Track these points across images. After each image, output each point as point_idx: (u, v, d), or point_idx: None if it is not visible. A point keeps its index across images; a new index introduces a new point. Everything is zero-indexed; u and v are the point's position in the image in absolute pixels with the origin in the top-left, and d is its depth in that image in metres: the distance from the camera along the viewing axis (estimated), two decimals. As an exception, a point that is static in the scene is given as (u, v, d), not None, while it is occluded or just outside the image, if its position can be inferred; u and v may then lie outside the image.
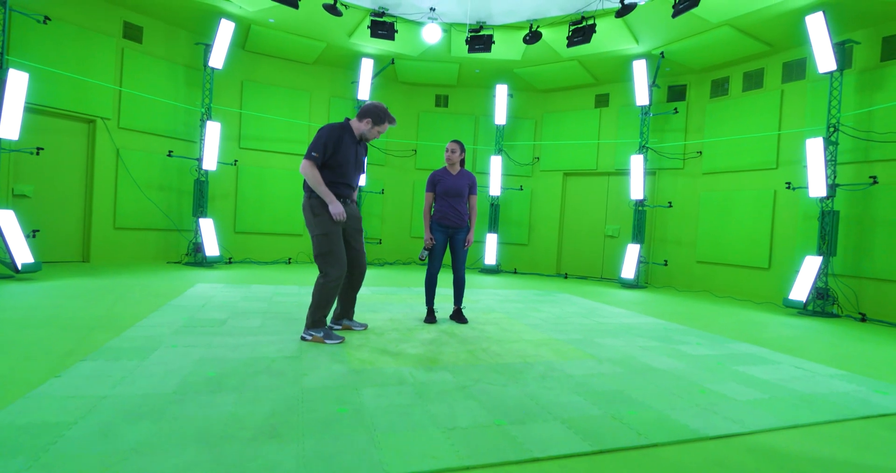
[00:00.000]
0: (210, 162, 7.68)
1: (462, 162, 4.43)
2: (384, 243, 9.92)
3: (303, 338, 3.42)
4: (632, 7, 6.21)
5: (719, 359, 3.54)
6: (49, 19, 5.94)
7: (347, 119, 3.61)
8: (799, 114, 7.21)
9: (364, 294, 5.78)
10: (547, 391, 2.63)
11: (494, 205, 9.55)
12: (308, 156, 3.31)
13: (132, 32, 7.47)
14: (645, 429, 2.19)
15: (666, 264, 8.40)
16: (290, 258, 9.02)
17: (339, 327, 3.84)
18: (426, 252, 4.23)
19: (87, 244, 7.23)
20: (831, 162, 6.29)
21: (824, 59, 6.19)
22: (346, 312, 3.87)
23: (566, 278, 9.22)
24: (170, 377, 2.50)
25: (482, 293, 6.30)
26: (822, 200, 6.29)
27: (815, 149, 6.24)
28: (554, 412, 2.32)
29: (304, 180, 3.39)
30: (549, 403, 2.44)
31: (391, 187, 10.04)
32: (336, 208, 3.31)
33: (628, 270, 8.14)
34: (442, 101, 10.32)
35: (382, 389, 2.51)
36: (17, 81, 5.27)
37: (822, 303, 6.23)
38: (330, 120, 9.55)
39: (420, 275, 8.15)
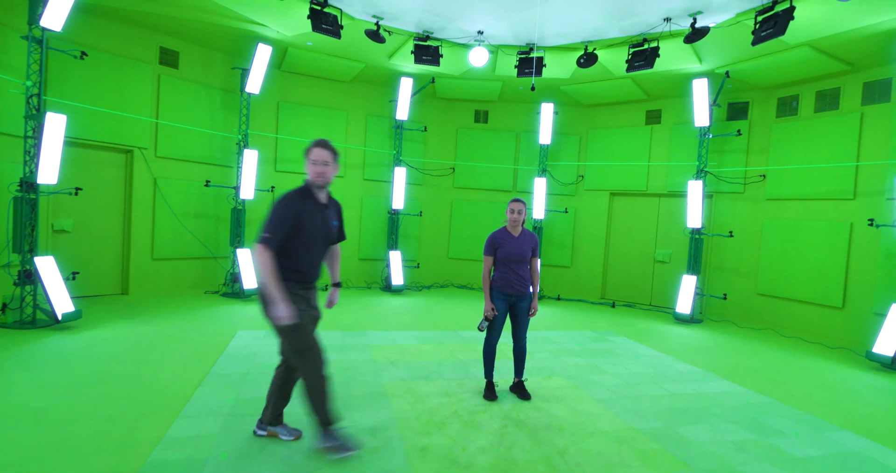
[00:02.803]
0: (247, 191, 7.46)
1: (523, 221, 4.05)
2: (422, 266, 9.60)
3: (322, 447, 2.76)
4: (704, 32, 5.65)
5: (830, 465, 3.10)
6: (86, 55, 5.74)
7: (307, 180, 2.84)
8: (882, 140, 6.55)
9: (410, 343, 5.47)
10: (653, 543, 2.25)
11: (538, 228, 9.11)
12: (260, 239, 2.64)
13: (168, 58, 7.26)
14: None
15: (725, 298, 7.84)
16: (326, 285, 8.77)
17: (264, 433, 3.02)
18: (486, 323, 3.87)
19: (126, 277, 7.12)
20: (925, 200, 5.66)
21: (921, 85, 5.54)
22: (278, 415, 3.02)
23: (614, 306, 8.75)
24: (224, 521, 2.21)
25: (533, 338, 5.90)
26: (913, 242, 5.69)
27: (907, 186, 5.62)
28: None
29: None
30: None
31: (428, 206, 9.70)
32: (285, 311, 2.58)
33: (683, 304, 7.62)
34: (481, 116, 9.89)
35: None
36: (55, 124, 5.09)
37: (911, 356, 5.64)
38: (367, 140, 9.25)
39: (461, 307, 7.80)
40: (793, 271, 7.40)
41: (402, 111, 8.71)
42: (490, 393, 3.95)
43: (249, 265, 7.45)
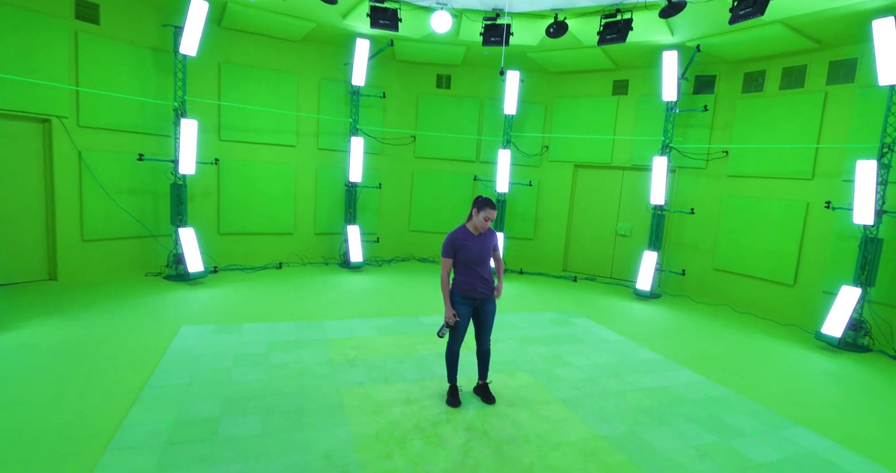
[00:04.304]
0: (187, 166, 6.80)
1: (488, 220, 3.77)
2: (382, 240, 9.26)
3: None
4: (681, 6, 5.32)
5: (789, 471, 3.13)
6: (-22, 9, 4.88)
7: None
8: (843, 121, 6.54)
9: (369, 335, 5.24)
10: None
11: (501, 201, 8.87)
12: None
13: (86, 12, 6.33)
14: None
15: (683, 274, 7.95)
16: (280, 263, 8.34)
17: None
18: (447, 329, 3.65)
19: (53, 261, 6.46)
20: (881, 186, 5.72)
21: (888, 69, 5.45)
22: None
23: (575, 281, 8.75)
24: None
25: (496, 323, 5.76)
26: (866, 226, 5.79)
27: (865, 172, 5.65)
28: None
29: None
30: None
31: (388, 177, 9.25)
32: None
33: (644, 281, 7.67)
34: (444, 81, 9.34)
35: None
36: (-55, 96, 4.33)
37: (855, 335, 5.88)
38: (321, 107, 8.59)
39: (422, 285, 7.57)
40: (749, 248, 7.52)
41: (359, 76, 8.07)
42: (453, 399, 3.79)
43: (193, 247, 6.91)
